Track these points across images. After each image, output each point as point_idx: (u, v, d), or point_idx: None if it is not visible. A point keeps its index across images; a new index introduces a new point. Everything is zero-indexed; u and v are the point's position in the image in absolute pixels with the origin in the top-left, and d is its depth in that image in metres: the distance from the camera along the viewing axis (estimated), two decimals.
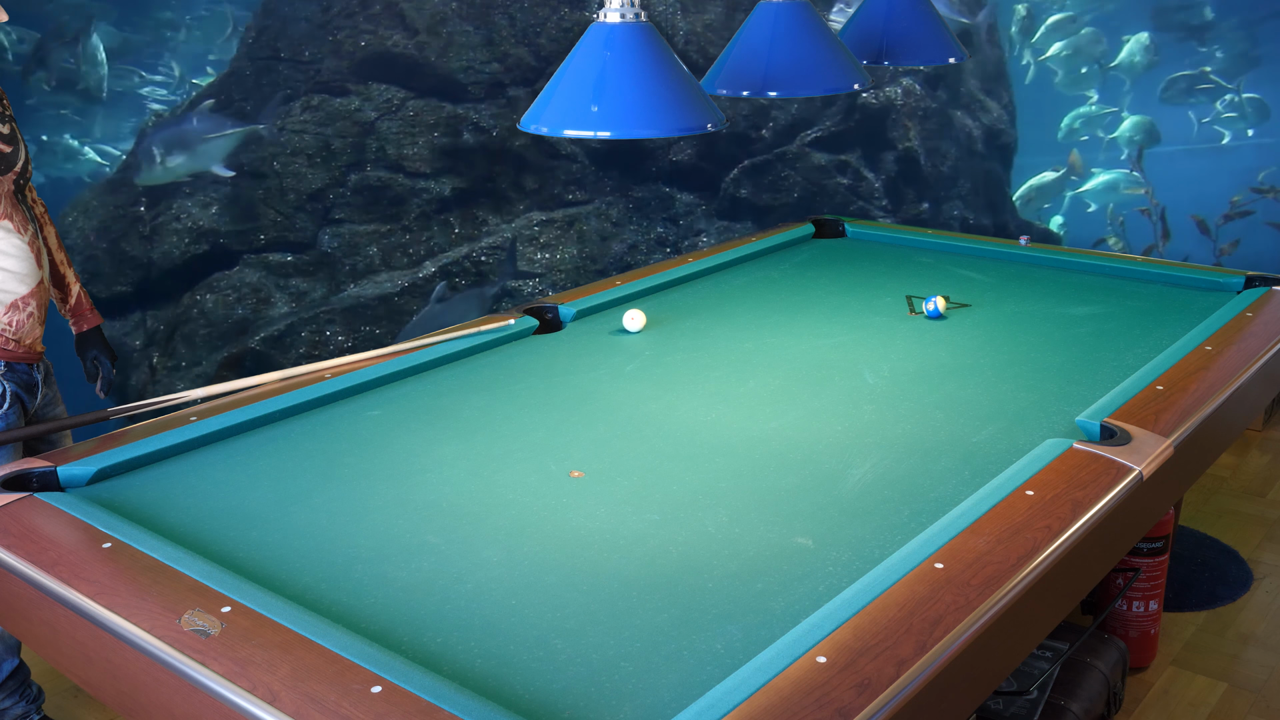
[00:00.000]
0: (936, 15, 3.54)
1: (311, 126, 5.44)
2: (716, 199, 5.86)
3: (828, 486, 2.31)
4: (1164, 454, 2.36)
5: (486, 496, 2.30)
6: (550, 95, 2.44)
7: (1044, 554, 1.97)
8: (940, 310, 3.29)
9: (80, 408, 3.02)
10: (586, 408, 2.74)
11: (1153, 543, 3.12)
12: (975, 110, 6.27)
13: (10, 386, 2.77)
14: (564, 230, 5.65)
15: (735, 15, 5.78)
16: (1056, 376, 2.86)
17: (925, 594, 1.83)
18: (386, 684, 1.63)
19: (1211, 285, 3.52)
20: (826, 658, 1.66)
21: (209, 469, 2.44)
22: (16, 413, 2.79)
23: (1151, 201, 5.69)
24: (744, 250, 3.97)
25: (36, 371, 2.84)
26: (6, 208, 2.69)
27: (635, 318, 3.19)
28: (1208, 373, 2.76)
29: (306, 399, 2.74)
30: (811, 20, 3.00)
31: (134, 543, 2.03)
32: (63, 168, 5.21)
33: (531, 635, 1.82)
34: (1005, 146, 6.45)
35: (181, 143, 5.36)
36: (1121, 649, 2.97)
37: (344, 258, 5.36)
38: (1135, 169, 5.68)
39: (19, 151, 2.74)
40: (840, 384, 2.86)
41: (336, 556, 2.07)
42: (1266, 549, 3.91)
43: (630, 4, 2.41)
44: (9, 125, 2.73)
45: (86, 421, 2.65)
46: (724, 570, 2.00)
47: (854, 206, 5.81)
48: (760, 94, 2.96)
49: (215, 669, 1.67)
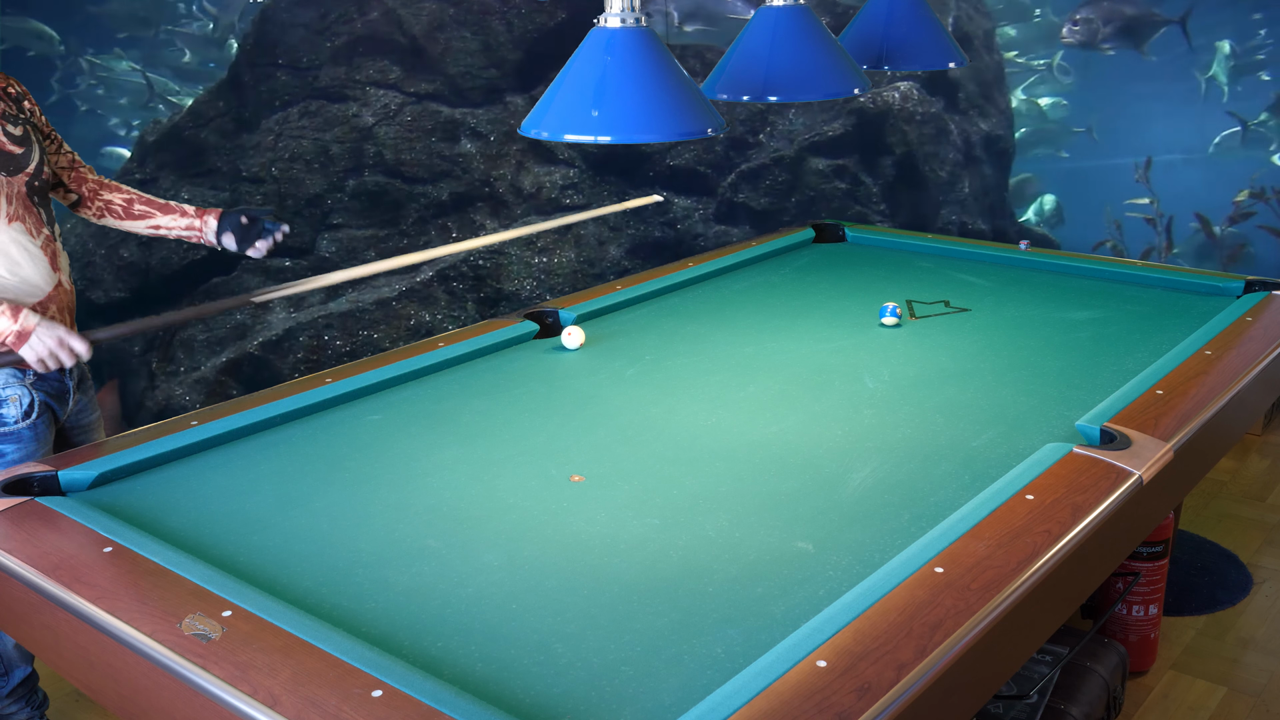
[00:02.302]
0: (936, 20, 3.55)
1: (309, 132, 5.44)
2: (715, 203, 5.87)
3: (828, 491, 2.31)
4: (1164, 458, 2.37)
5: (487, 501, 2.30)
6: (550, 100, 2.44)
7: (1044, 558, 1.97)
8: (896, 316, 3.28)
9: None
10: (587, 412, 2.74)
11: (1153, 547, 3.12)
12: (973, 116, 6.28)
13: (39, 396, 2.69)
14: (561, 234, 5.65)
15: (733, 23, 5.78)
16: (1056, 381, 2.86)
17: (925, 598, 1.83)
18: (387, 688, 1.63)
19: (1211, 290, 3.53)
20: (827, 662, 1.66)
21: (210, 473, 2.44)
22: (46, 422, 2.71)
23: (1157, 211, 5.70)
24: (744, 255, 3.97)
25: (69, 378, 2.77)
26: (18, 209, 2.63)
27: (574, 334, 3.16)
28: (1207, 377, 2.76)
29: (307, 403, 2.74)
30: (811, 24, 3.00)
31: (135, 547, 2.03)
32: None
33: (532, 639, 1.82)
34: (1004, 152, 6.46)
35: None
36: (1121, 653, 2.97)
37: (342, 263, 5.36)
38: (1141, 179, 5.69)
39: (31, 153, 2.69)
40: (840, 388, 2.86)
41: (337, 561, 2.07)
42: (1266, 553, 3.91)
43: (630, 8, 2.41)
44: (21, 127, 2.69)
45: (230, 306, 2.59)
46: (724, 574, 2.00)
47: (852, 211, 5.81)
48: (760, 98, 2.96)
49: (216, 673, 1.67)
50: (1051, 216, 6.20)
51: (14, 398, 2.65)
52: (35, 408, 2.68)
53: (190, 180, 5.50)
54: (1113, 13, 5.76)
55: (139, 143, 5.77)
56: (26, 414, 2.67)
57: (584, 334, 3.18)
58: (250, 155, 5.47)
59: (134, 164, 5.71)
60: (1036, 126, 6.29)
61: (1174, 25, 5.69)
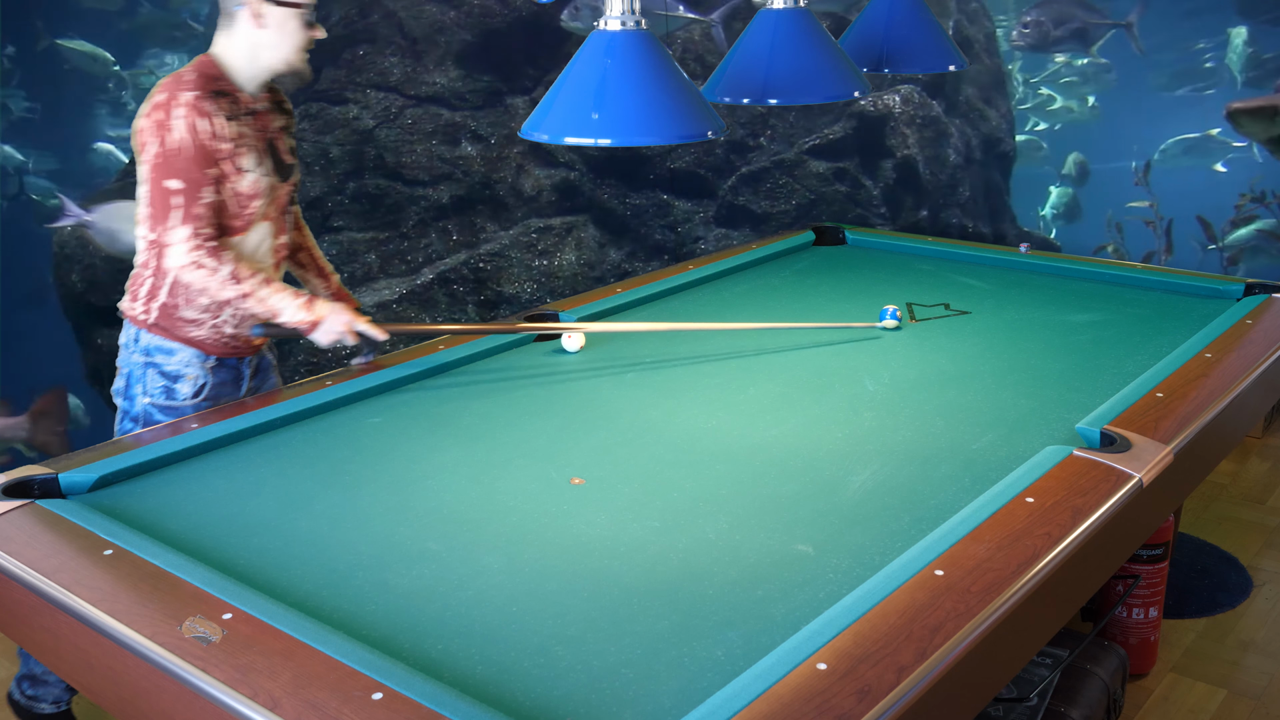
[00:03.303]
0: (936, 23, 3.55)
1: (310, 135, 5.44)
2: (715, 206, 5.87)
3: (828, 493, 2.31)
4: (1164, 461, 2.37)
5: (487, 503, 2.30)
6: (551, 102, 2.44)
7: (1044, 561, 1.98)
8: (896, 319, 3.30)
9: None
10: (587, 414, 2.74)
11: (1153, 549, 3.12)
12: (974, 119, 6.28)
13: (213, 379, 2.88)
14: (561, 237, 5.65)
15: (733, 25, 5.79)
16: (1056, 384, 2.86)
17: (925, 601, 1.83)
18: (387, 691, 1.63)
19: (1211, 292, 3.53)
20: (827, 664, 1.66)
21: (210, 476, 2.44)
22: (211, 404, 2.88)
23: (1157, 215, 5.70)
24: (745, 257, 3.97)
25: (245, 365, 2.95)
26: (273, 212, 2.87)
27: (574, 337, 3.16)
28: (1207, 380, 2.76)
29: (307, 406, 2.74)
30: (812, 27, 3.00)
31: (135, 549, 2.03)
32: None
33: (532, 642, 1.82)
34: (1004, 155, 6.46)
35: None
36: (1121, 656, 2.97)
37: (342, 265, 5.36)
38: (1141, 183, 5.69)
39: (296, 168, 2.97)
40: (841, 391, 2.86)
41: (338, 563, 2.07)
42: (1266, 556, 3.91)
43: (631, 11, 2.41)
44: (293, 142, 2.96)
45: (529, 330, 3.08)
46: (725, 577, 2.00)
47: (852, 214, 5.81)
48: (760, 101, 2.96)
49: (216, 676, 1.67)
50: (1066, 210, 6.17)
51: (191, 376, 2.85)
52: (205, 390, 2.87)
53: None
54: (1063, 15, 5.75)
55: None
56: (196, 394, 2.86)
57: (584, 336, 3.18)
58: None
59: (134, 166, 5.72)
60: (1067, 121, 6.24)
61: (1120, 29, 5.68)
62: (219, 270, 2.70)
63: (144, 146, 2.66)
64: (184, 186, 2.64)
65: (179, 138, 2.62)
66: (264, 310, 2.79)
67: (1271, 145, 4.61)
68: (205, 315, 2.81)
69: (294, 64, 2.77)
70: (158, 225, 2.67)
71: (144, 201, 2.69)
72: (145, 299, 2.81)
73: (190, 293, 2.77)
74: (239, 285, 2.72)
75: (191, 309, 2.80)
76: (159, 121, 2.63)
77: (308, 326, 2.81)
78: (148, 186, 2.67)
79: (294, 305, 2.80)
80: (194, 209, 2.65)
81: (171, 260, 2.68)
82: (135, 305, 2.84)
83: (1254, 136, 4.77)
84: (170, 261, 2.69)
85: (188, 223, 2.65)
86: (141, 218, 2.73)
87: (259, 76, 2.77)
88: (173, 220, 2.65)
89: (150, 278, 2.79)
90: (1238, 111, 4.48)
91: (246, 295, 2.74)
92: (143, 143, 2.66)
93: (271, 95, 2.87)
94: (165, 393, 2.84)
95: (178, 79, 2.67)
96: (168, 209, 2.65)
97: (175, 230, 2.66)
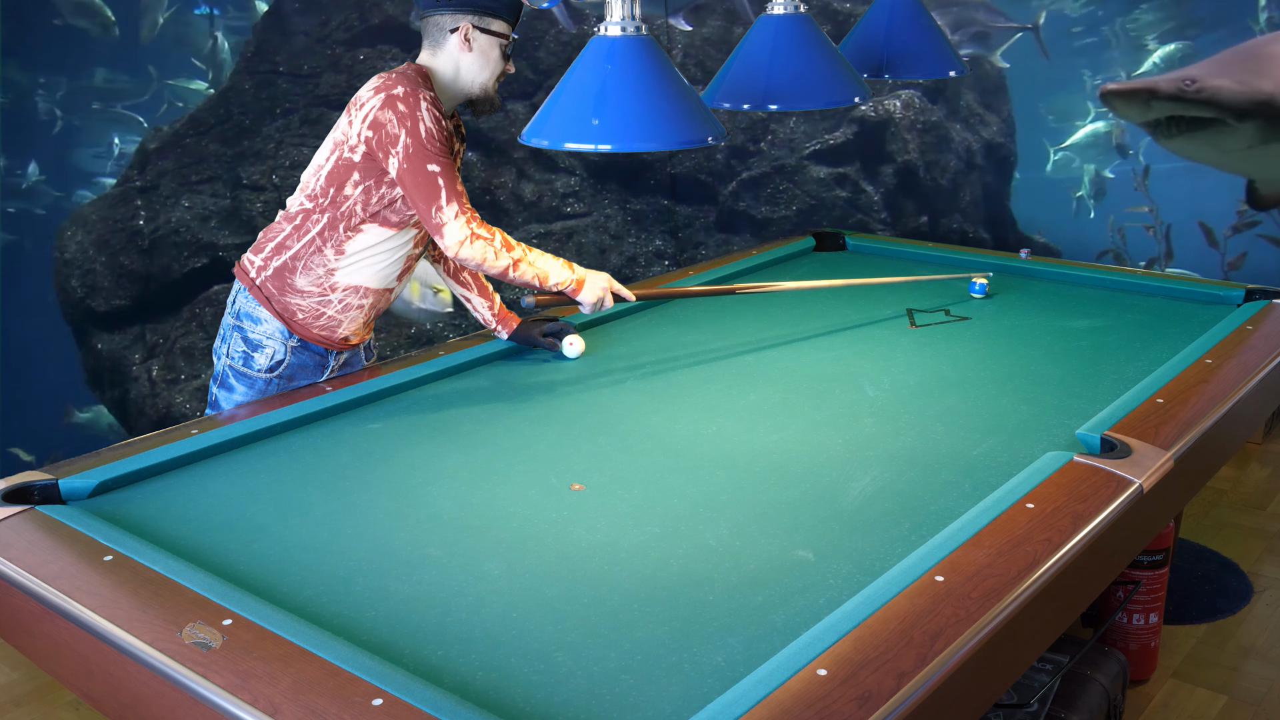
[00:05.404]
0: (937, 28, 3.55)
1: (310, 140, 5.44)
2: (716, 211, 5.87)
3: (828, 499, 2.31)
4: (1164, 467, 2.37)
5: (488, 509, 2.30)
6: (551, 108, 2.44)
7: (1044, 567, 1.97)
8: (984, 292, 3.55)
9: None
10: (587, 420, 2.74)
11: (1153, 555, 3.12)
12: (974, 124, 6.28)
13: (292, 359, 2.91)
14: (562, 243, 5.65)
15: (734, 29, 5.79)
16: (1057, 389, 2.86)
17: (926, 607, 1.83)
18: (388, 697, 1.63)
19: (1211, 298, 3.53)
20: (827, 670, 1.66)
21: (210, 482, 2.44)
22: (283, 384, 2.92)
23: (1156, 220, 5.69)
24: (745, 263, 3.98)
25: (332, 356, 2.97)
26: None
27: (574, 342, 3.16)
28: (1208, 386, 2.76)
29: (307, 412, 2.74)
30: (812, 33, 3.00)
31: (135, 556, 2.03)
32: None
33: (532, 648, 1.82)
34: (1005, 160, 6.46)
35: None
36: (1122, 662, 2.97)
37: None
38: (1140, 187, 5.68)
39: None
40: (841, 397, 2.86)
41: (338, 569, 2.07)
42: (1267, 562, 3.91)
43: (631, 17, 2.41)
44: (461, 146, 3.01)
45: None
46: (725, 583, 2.00)
47: (853, 220, 5.81)
48: (761, 107, 2.96)
49: (217, 682, 1.67)
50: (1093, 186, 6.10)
51: (270, 349, 2.89)
52: (283, 367, 2.90)
53: (191, 188, 5.50)
54: (963, 19, 5.74)
55: (139, 150, 5.77)
56: (272, 369, 2.90)
57: (584, 342, 3.18)
58: (251, 163, 5.47)
59: (134, 171, 5.72)
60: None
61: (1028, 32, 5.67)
62: (495, 238, 2.79)
63: (388, 138, 2.70)
64: (441, 169, 2.71)
65: (428, 126, 2.69)
66: (533, 274, 2.87)
67: (1149, 129, 4.54)
68: (314, 289, 2.85)
69: (489, 90, 2.86)
70: (431, 206, 2.72)
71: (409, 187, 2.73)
72: (270, 253, 2.85)
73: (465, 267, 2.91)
74: (512, 252, 2.82)
75: (306, 278, 2.84)
76: (403, 114, 2.68)
77: (575, 285, 2.95)
78: (409, 175, 2.71)
79: (559, 266, 2.93)
80: (456, 186, 2.74)
81: (450, 237, 2.74)
82: (255, 259, 2.89)
83: (1130, 119, 4.72)
84: (449, 238, 2.74)
85: (453, 200, 2.72)
86: (311, 192, 2.80)
87: (456, 97, 2.86)
88: (443, 199, 2.71)
89: (290, 235, 2.83)
90: (1111, 93, 4.43)
91: (518, 261, 2.83)
92: (388, 135, 2.70)
93: (454, 119, 2.94)
94: (244, 359, 2.90)
95: (407, 78, 2.74)
96: (436, 189, 2.71)
97: (447, 209, 2.72)
